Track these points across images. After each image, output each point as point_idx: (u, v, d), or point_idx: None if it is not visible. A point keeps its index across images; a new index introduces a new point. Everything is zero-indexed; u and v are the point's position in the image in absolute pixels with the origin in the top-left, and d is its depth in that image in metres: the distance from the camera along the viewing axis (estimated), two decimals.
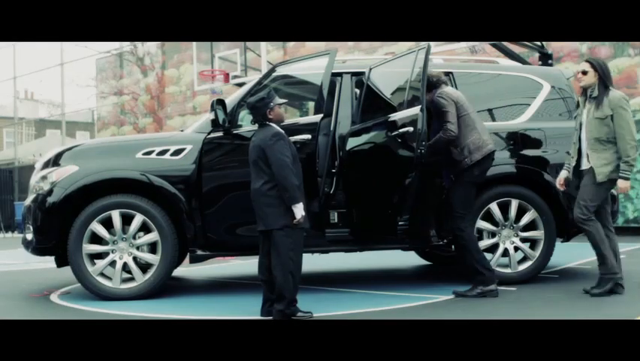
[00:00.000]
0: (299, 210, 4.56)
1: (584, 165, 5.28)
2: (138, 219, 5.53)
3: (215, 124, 5.58)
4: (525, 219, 5.89)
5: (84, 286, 5.60)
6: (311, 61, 5.93)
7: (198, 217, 5.59)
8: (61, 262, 5.79)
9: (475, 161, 5.37)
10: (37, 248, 5.68)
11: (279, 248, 4.56)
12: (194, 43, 14.70)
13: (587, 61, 5.29)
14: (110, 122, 22.00)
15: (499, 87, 6.34)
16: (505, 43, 10.44)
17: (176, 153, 5.66)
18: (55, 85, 65.33)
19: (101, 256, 5.63)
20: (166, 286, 5.81)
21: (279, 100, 4.79)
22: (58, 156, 5.79)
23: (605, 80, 5.18)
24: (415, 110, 5.21)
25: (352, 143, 5.89)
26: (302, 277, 4.91)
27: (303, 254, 4.79)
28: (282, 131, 4.69)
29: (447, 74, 6.22)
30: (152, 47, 20.22)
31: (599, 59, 5.37)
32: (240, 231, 5.66)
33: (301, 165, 4.82)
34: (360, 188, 5.83)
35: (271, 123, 4.71)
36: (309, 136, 5.49)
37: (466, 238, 5.40)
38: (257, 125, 4.82)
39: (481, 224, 5.88)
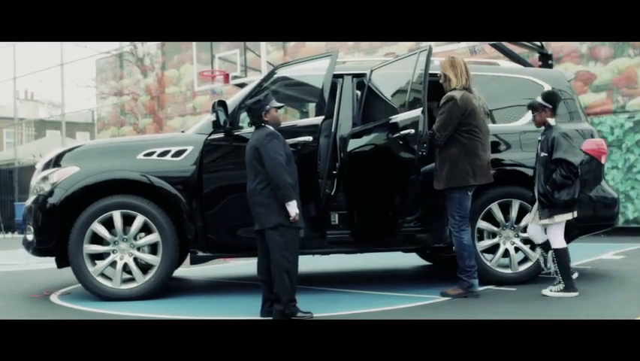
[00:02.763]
0: (292, 208, 4.57)
1: None
2: (139, 219, 5.54)
3: (216, 125, 5.58)
4: (526, 220, 5.89)
5: (84, 286, 5.61)
6: (312, 63, 5.94)
7: (199, 218, 5.60)
8: (61, 263, 5.79)
9: None
10: (38, 249, 5.69)
11: (274, 247, 4.57)
12: (194, 43, 14.70)
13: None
14: (110, 123, 22.00)
15: (499, 89, 6.34)
16: (505, 44, 10.47)
17: (177, 154, 5.67)
18: (55, 85, 65.38)
19: (101, 256, 5.64)
20: (166, 287, 5.81)
21: (275, 103, 4.81)
22: (59, 156, 5.79)
23: None
24: (416, 112, 5.22)
25: (353, 144, 5.89)
26: (302, 278, 4.93)
27: (303, 255, 4.79)
28: (276, 132, 4.72)
29: None
30: (152, 47, 20.22)
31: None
32: (240, 232, 5.66)
33: (302, 167, 4.83)
34: (361, 190, 5.83)
35: (267, 125, 4.74)
36: (310, 138, 5.50)
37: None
38: (254, 127, 4.83)
39: (482, 224, 5.89)
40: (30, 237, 5.70)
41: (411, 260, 8.04)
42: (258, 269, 4.82)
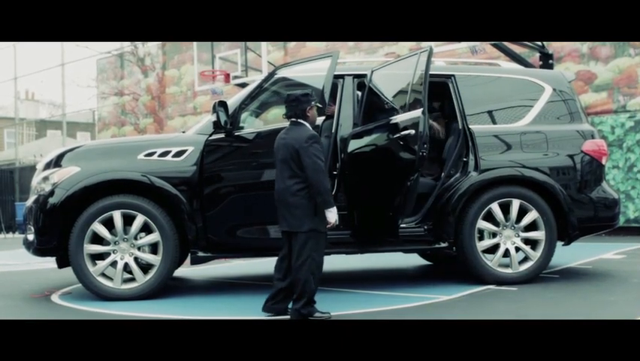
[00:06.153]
0: (332, 215, 4.58)
1: None
2: (140, 219, 5.54)
3: (217, 126, 5.58)
4: (526, 220, 5.90)
5: (85, 286, 5.61)
6: (313, 63, 5.93)
7: (199, 218, 5.60)
8: (62, 263, 5.80)
9: None
10: (39, 249, 5.69)
11: (303, 250, 4.53)
12: (194, 43, 14.69)
13: None
14: (110, 123, 22.00)
15: (501, 90, 6.34)
16: (506, 44, 10.47)
17: (178, 154, 5.67)
18: (55, 85, 65.31)
19: (102, 256, 5.64)
20: (167, 287, 5.82)
21: (318, 103, 4.84)
22: (60, 157, 5.80)
23: None
24: (417, 112, 5.23)
25: (354, 145, 5.89)
26: None
27: None
28: (316, 133, 4.70)
29: (449, 76, 6.24)
30: (152, 47, 20.21)
31: None
32: (240, 232, 5.67)
33: None
34: (362, 190, 5.83)
35: (305, 123, 4.70)
36: None
37: None
38: (289, 121, 4.76)
39: (482, 224, 5.89)
40: (31, 237, 5.70)
41: (411, 260, 8.04)
42: (277, 269, 4.77)
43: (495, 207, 5.88)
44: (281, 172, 4.65)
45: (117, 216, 5.53)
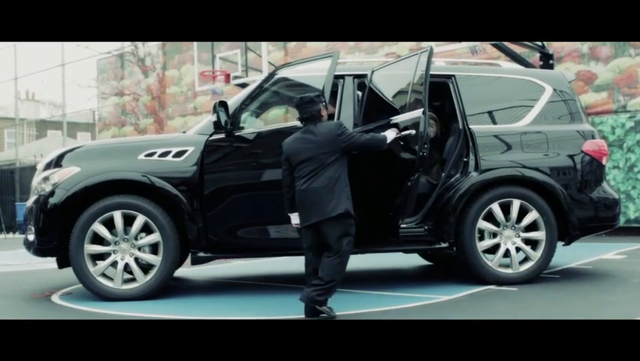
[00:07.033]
0: (392, 132, 5.14)
1: None
2: (140, 220, 5.54)
3: (217, 126, 5.59)
4: (527, 220, 5.90)
5: (85, 286, 5.61)
6: (313, 63, 5.93)
7: (200, 219, 5.61)
8: (62, 263, 5.80)
9: None
10: (39, 249, 5.69)
11: (341, 245, 4.62)
12: (195, 43, 14.71)
13: None
14: (110, 123, 22.00)
15: (501, 90, 6.33)
16: (506, 44, 10.47)
17: (179, 154, 5.67)
18: (56, 85, 65.30)
19: (102, 256, 5.64)
20: (167, 287, 5.82)
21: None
22: (60, 157, 5.80)
23: None
24: (417, 112, 5.23)
25: None
26: (302, 278, 4.93)
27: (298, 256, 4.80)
28: (341, 121, 4.97)
29: (449, 77, 6.24)
30: (153, 47, 20.22)
31: None
32: (241, 232, 5.67)
33: None
34: (362, 190, 5.82)
35: (321, 122, 4.77)
36: None
37: None
38: (302, 122, 4.82)
39: (483, 224, 5.89)
40: (31, 237, 5.70)
41: (411, 260, 8.04)
42: (309, 267, 4.79)
43: (495, 207, 5.88)
44: (309, 171, 4.65)
45: (117, 216, 5.53)
